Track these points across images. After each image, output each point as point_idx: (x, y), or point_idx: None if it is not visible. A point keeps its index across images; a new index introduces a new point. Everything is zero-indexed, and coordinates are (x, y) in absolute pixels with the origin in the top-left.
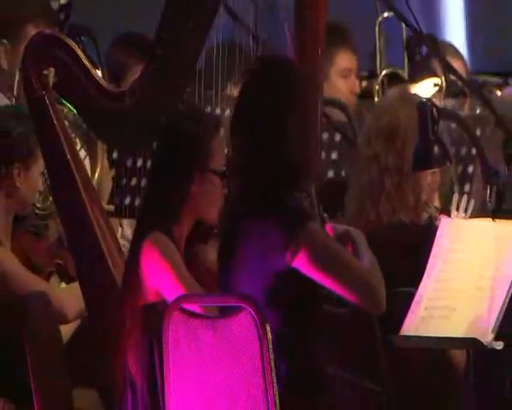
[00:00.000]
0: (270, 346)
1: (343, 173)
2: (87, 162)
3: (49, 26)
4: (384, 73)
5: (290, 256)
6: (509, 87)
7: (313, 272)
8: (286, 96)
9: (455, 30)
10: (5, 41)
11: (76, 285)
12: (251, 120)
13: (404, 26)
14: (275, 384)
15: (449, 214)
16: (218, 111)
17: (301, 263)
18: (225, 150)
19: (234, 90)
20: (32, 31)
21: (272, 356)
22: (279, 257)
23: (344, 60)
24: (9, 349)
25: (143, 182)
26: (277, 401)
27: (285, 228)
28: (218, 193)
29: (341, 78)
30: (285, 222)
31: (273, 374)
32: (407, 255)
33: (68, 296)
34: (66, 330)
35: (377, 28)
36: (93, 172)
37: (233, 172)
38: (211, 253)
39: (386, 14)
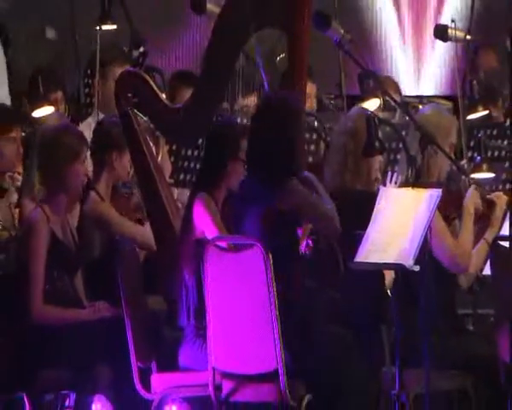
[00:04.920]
0: (272, 269)
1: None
2: (153, 151)
3: (127, 65)
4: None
5: (279, 201)
6: (426, 106)
7: (294, 206)
8: (282, 120)
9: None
10: (97, 78)
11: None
12: (261, 133)
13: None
14: (275, 294)
15: (385, 185)
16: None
17: (286, 203)
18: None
19: (244, 100)
20: (117, 70)
21: (273, 276)
22: (272, 203)
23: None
24: (107, 274)
25: (192, 165)
26: (277, 303)
27: (277, 183)
28: (242, 172)
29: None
30: (277, 179)
31: (274, 288)
32: (360, 210)
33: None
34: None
35: (341, 65)
36: (157, 156)
37: (249, 161)
38: None
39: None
